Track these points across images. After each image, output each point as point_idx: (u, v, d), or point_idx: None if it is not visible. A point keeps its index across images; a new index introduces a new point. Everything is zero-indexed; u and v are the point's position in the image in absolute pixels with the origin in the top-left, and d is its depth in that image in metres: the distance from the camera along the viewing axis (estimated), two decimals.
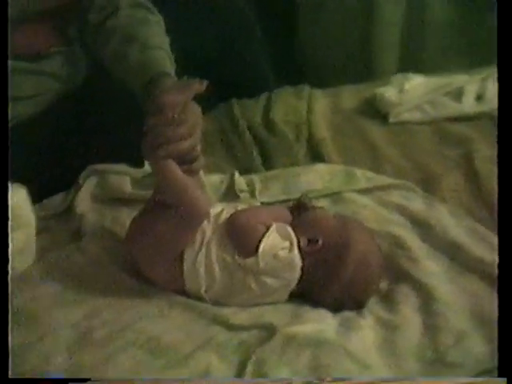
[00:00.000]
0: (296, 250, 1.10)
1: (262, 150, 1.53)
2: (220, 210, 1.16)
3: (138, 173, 1.45)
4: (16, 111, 1.39)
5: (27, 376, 0.98)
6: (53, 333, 1.07)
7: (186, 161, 1.13)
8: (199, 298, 1.13)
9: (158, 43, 1.34)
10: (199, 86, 1.12)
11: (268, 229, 1.11)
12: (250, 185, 1.38)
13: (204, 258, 1.10)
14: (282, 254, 1.09)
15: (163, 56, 1.32)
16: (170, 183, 1.11)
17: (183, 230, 1.11)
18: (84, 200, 1.38)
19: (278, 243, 1.10)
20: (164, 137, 1.10)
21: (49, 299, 1.13)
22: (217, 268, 1.10)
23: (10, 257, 1.02)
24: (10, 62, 1.31)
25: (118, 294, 1.15)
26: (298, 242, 1.11)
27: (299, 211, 1.19)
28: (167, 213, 1.12)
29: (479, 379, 0.95)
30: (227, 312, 1.11)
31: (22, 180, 1.20)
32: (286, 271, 1.10)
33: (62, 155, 1.42)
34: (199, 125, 1.15)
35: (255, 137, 1.58)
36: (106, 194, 1.40)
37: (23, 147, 1.25)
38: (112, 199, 1.40)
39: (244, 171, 1.45)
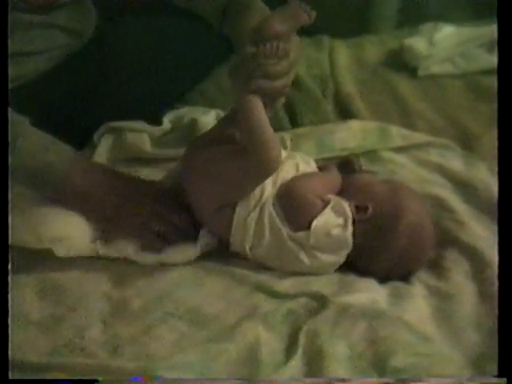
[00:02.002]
0: (350, 228, 1.04)
1: (288, 107, 1.45)
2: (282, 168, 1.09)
3: (156, 130, 1.38)
4: (27, 68, 1.31)
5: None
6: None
7: (270, 97, 1.04)
8: (238, 254, 1.09)
9: None
10: (308, 17, 1.01)
11: (324, 203, 1.05)
12: (281, 143, 1.31)
13: (256, 218, 1.05)
14: (336, 232, 1.04)
15: None
16: (253, 123, 1.01)
17: (252, 177, 1.04)
18: (100, 159, 1.31)
19: (332, 221, 1.04)
20: (262, 71, 1.00)
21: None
22: (267, 232, 1.04)
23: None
24: (20, 15, 1.24)
25: None
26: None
27: (346, 172, 1.13)
28: (235, 153, 1.04)
29: (479, 379, 0.90)
30: (269, 279, 1.06)
31: None
32: (338, 249, 1.05)
33: (74, 113, 1.35)
34: (298, 61, 1.06)
35: None
36: (123, 153, 1.33)
37: (34, 106, 1.17)
38: (129, 159, 1.33)
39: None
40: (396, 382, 0.89)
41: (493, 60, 1.51)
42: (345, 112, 1.44)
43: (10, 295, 0.99)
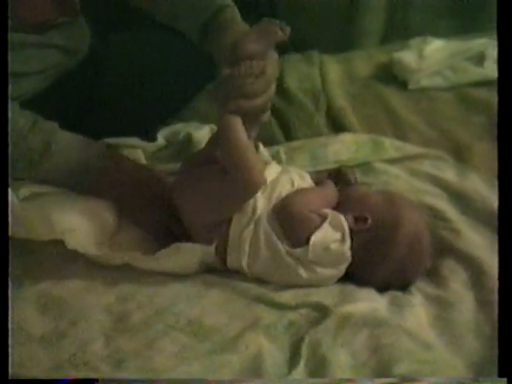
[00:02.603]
0: (348, 242, 1.05)
1: (281, 121, 1.47)
2: (274, 178, 1.10)
3: (150, 146, 1.39)
4: (23, 88, 1.31)
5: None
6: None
7: (253, 115, 1.06)
8: (236, 272, 1.09)
9: None
10: (282, 33, 1.03)
11: (321, 218, 1.05)
12: (276, 156, 1.32)
13: (251, 234, 1.05)
14: (334, 246, 1.04)
15: None
16: (231, 144, 1.03)
17: (234, 197, 1.05)
18: None
19: (330, 235, 1.04)
20: (239, 91, 1.01)
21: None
22: (264, 247, 1.05)
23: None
24: (17, 35, 1.25)
25: (150, 276, 1.09)
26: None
27: (341, 184, 1.14)
28: (221, 173, 1.06)
29: (479, 379, 0.91)
30: (269, 290, 1.06)
31: None
32: (337, 263, 1.06)
33: (68, 130, 1.36)
34: (276, 77, 1.07)
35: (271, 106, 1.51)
36: None
37: None
38: None
39: (264, 142, 1.39)
40: (401, 382, 0.90)
41: (481, 72, 1.55)
42: (337, 125, 1.46)
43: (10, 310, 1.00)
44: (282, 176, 1.11)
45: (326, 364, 0.92)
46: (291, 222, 1.05)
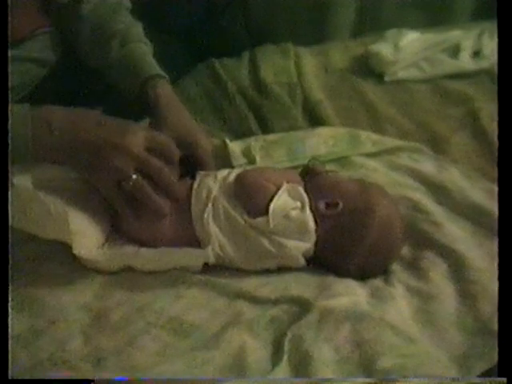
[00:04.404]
0: (308, 211, 1.05)
1: (257, 114, 1.46)
2: (227, 173, 1.12)
3: None
4: None
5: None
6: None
7: None
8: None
9: (136, 35, 1.30)
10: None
11: (278, 189, 1.06)
12: (247, 153, 1.30)
13: (212, 214, 1.05)
14: (294, 213, 1.04)
15: (146, 51, 1.29)
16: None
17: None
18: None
19: (289, 203, 1.05)
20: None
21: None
22: (227, 226, 1.05)
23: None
24: None
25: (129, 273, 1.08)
26: (312, 205, 1.07)
27: (309, 176, 1.14)
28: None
29: (479, 379, 0.92)
30: (248, 286, 1.05)
31: None
32: (299, 231, 1.05)
33: None
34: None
35: (247, 100, 1.50)
36: None
37: None
38: None
39: (240, 136, 1.38)
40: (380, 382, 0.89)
41: (457, 64, 1.55)
42: (314, 118, 1.45)
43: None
44: (235, 170, 1.13)
45: (309, 359, 0.91)
46: (247, 192, 1.06)
